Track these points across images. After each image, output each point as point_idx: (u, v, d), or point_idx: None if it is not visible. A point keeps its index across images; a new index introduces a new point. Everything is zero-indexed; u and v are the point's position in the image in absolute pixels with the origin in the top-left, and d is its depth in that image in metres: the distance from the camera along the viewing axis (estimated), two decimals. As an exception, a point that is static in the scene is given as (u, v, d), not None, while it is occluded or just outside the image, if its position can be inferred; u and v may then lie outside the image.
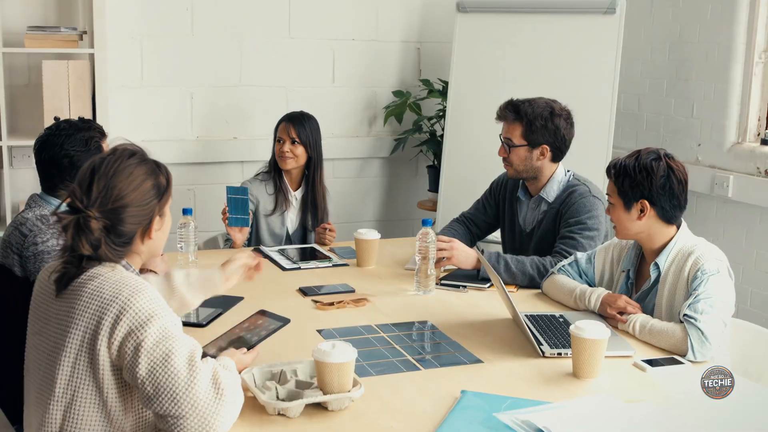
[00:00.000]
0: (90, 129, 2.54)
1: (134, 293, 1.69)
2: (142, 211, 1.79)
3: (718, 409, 1.89)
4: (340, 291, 2.72)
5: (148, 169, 1.82)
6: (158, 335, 1.66)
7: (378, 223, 4.69)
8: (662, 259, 2.39)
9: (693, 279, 2.28)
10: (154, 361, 1.64)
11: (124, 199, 1.76)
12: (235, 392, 1.70)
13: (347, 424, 1.77)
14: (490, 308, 2.58)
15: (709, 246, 2.37)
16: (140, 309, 1.67)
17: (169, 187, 1.88)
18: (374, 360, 2.12)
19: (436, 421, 1.78)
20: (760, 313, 3.48)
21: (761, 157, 3.44)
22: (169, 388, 1.63)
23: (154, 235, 1.84)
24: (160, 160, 4.15)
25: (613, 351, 2.15)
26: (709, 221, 3.70)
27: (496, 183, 3.28)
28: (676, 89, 3.87)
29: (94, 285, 1.71)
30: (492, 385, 2.00)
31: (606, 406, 1.84)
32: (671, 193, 2.35)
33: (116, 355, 1.67)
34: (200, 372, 1.65)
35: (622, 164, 2.39)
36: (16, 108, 3.76)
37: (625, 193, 2.37)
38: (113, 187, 1.75)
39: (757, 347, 2.46)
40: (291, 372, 1.92)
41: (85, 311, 1.69)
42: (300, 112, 3.53)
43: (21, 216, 2.44)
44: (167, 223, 1.90)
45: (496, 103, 3.37)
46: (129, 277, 1.74)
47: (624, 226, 2.41)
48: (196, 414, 1.63)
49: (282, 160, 3.43)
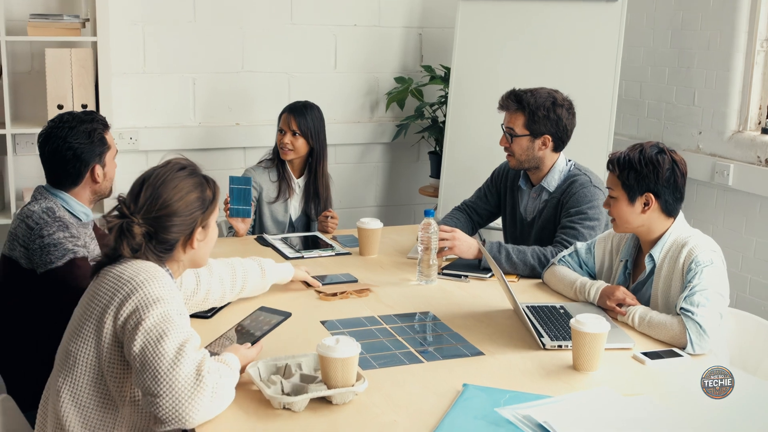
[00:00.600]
0: (93, 121, 2.55)
1: (150, 278, 1.81)
2: (185, 220, 1.89)
3: (716, 404, 1.92)
4: (343, 281, 2.75)
5: (195, 182, 1.92)
6: (159, 318, 1.76)
7: (380, 208, 4.71)
8: (657, 251, 2.42)
9: (687, 270, 2.31)
10: (147, 340, 1.74)
11: (168, 208, 1.87)
12: (218, 386, 1.75)
13: (351, 418, 1.80)
14: (491, 299, 2.61)
15: (703, 237, 2.39)
16: (150, 292, 1.78)
17: (215, 201, 1.97)
18: (377, 352, 2.15)
19: (439, 415, 1.81)
20: (759, 301, 3.51)
21: (762, 146, 3.45)
22: (154, 366, 1.71)
23: (197, 245, 1.94)
24: (163, 146, 4.21)
25: (612, 343, 2.18)
26: (709, 209, 3.72)
27: (497, 171, 3.30)
28: (678, 77, 3.87)
29: (119, 268, 1.85)
30: (493, 378, 2.03)
31: (605, 400, 1.87)
32: (675, 186, 2.38)
33: (120, 328, 1.77)
34: (186, 357, 1.72)
35: (627, 157, 2.40)
36: (19, 95, 3.77)
37: (630, 187, 2.39)
38: (159, 196, 1.87)
39: (755, 338, 2.50)
40: (296, 366, 1.96)
41: (104, 289, 1.83)
42: (303, 103, 3.53)
43: (27, 209, 2.46)
44: (211, 235, 2.00)
45: (498, 89, 3.37)
46: (151, 265, 1.86)
47: (626, 220, 2.43)
48: (171, 396, 1.69)
49: (282, 151, 3.46)
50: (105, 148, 2.56)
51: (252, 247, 3.19)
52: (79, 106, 3.60)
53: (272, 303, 2.51)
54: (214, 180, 2.01)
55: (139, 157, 4.11)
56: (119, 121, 3.94)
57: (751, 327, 2.54)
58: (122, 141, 3.95)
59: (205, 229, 1.96)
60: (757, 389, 2.05)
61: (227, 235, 3.47)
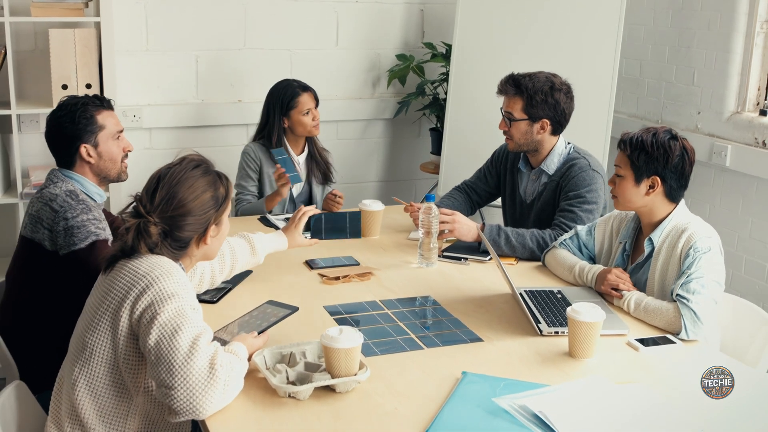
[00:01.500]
0: (85, 104, 2.58)
1: (164, 273, 1.86)
2: (199, 219, 1.95)
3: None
4: (345, 264, 2.81)
5: (209, 180, 1.98)
6: (173, 312, 1.81)
7: (381, 183, 4.76)
8: (656, 235, 2.47)
9: (685, 257, 2.36)
10: (162, 334, 1.79)
11: (183, 208, 1.93)
12: (230, 378, 1.81)
13: (354, 406, 1.86)
14: (490, 283, 2.67)
15: (702, 224, 2.44)
16: (164, 287, 1.84)
17: (227, 198, 2.03)
18: (379, 339, 2.22)
19: (438, 402, 1.88)
20: (754, 279, 3.57)
21: (759, 128, 3.49)
22: (168, 359, 1.77)
23: (210, 241, 2.01)
24: (166, 123, 4.23)
25: (607, 329, 2.24)
26: (707, 188, 3.77)
27: (497, 153, 3.34)
28: (678, 56, 3.89)
29: (134, 263, 1.90)
30: (491, 365, 2.09)
31: (598, 389, 1.93)
32: (681, 173, 2.42)
33: (136, 322, 1.83)
34: (200, 351, 1.78)
35: (640, 139, 2.44)
36: (23, 74, 3.79)
37: (638, 168, 2.43)
38: (174, 196, 1.93)
39: (746, 323, 2.56)
40: (300, 354, 2.02)
41: (119, 283, 1.88)
42: (295, 79, 3.64)
43: (49, 192, 2.51)
44: (223, 230, 2.07)
45: (499, 66, 3.40)
46: (165, 260, 1.91)
47: (629, 199, 2.47)
48: (186, 389, 1.75)
49: (316, 128, 3.56)
50: (95, 128, 2.58)
51: (254, 227, 3.24)
52: (84, 86, 3.63)
53: (275, 285, 2.59)
54: (226, 176, 2.07)
55: (143, 135, 4.15)
56: (123, 99, 3.97)
57: (742, 312, 2.60)
58: (126, 119, 3.98)
59: (218, 225, 2.02)
60: (747, 377, 2.11)
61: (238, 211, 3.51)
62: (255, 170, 3.56)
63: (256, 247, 2.54)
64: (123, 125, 2.80)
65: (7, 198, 3.69)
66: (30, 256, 2.53)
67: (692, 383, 2.00)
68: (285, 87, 3.58)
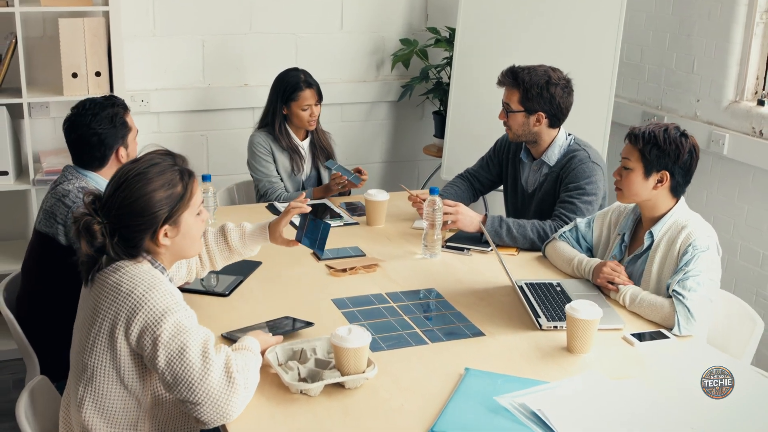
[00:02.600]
0: (114, 105, 2.67)
1: (148, 290, 1.85)
2: (146, 220, 1.89)
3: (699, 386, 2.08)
4: (352, 255, 2.90)
5: (166, 179, 1.92)
6: (173, 330, 1.83)
7: (384, 164, 4.84)
8: (657, 228, 2.55)
9: (684, 253, 2.44)
10: (170, 354, 1.81)
11: (129, 207, 1.88)
12: (247, 378, 1.87)
13: (362, 403, 1.97)
14: (492, 275, 2.76)
15: (702, 222, 2.52)
16: (154, 305, 1.83)
17: (186, 197, 1.95)
18: (385, 333, 2.31)
19: (443, 398, 1.98)
20: (748, 265, 3.66)
21: (757, 118, 3.55)
22: (186, 378, 1.81)
23: (165, 241, 1.94)
24: (173, 108, 4.31)
25: (604, 324, 2.33)
26: (704, 176, 3.84)
27: (500, 142, 3.41)
28: (678, 44, 3.94)
29: (114, 278, 1.88)
30: (492, 360, 2.19)
31: (595, 386, 2.03)
32: (688, 170, 2.51)
33: (135, 345, 1.85)
34: (213, 363, 1.82)
35: (653, 134, 2.49)
36: (32, 60, 3.84)
37: (649, 162, 2.49)
38: (121, 195, 1.89)
39: (734, 319, 2.65)
40: (310, 350, 2.12)
41: (105, 303, 1.87)
42: (302, 73, 3.67)
43: (62, 188, 2.60)
44: (186, 230, 1.97)
45: (502, 51, 3.45)
46: (146, 272, 1.89)
47: (635, 192, 2.54)
48: (210, 401, 1.81)
49: (312, 124, 3.65)
50: (127, 131, 2.70)
51: (262, 215, 3.32)
52: (93, 74, 3.69)
53: (284, 276, 2.69)
54: (191, 172, 1.99)
55: (151, 119, 4.22)
56: (130, 84, 4.04)
57: (729, 308, 2.69)
58: (134, 103, 4.05)
59: (174, 225, 1.94)
60: (739, 371, 2.20)
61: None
62: (269, 156, 3.63)
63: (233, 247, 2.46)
64: (132, 110, 2.87)
65: (20, 184, 3.77)
66: (45, 250, 2.62)
67: (684, 378, 2.11)
68: (291, 77, 3.64)
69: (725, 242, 3.75)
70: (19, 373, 3.70)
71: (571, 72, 3.13)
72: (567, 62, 3.84)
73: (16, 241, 4.06)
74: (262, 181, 3.62)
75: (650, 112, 4.11)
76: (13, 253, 3.88)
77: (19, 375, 3.70)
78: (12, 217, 4.07)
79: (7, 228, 4.08)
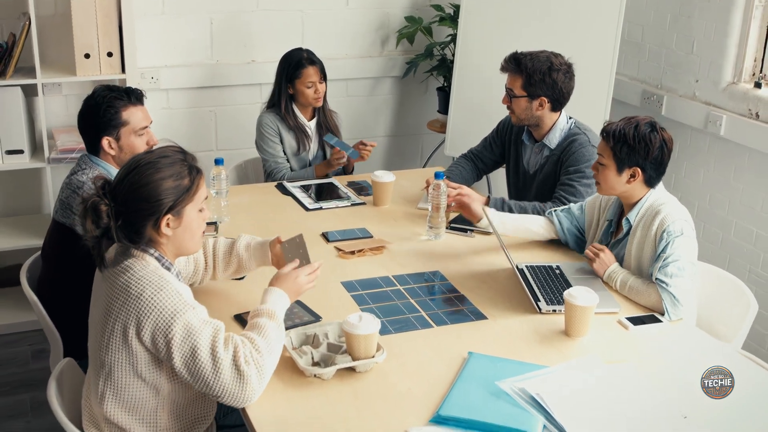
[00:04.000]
0: (112, 98, 2.72)
1: (156, 292, 1.94)
2: (151, 206, 1.98)
3: (691, 370, 2.20)
4: (360, 236, 3.01)
5: (172, 171, 2.01)
6: (183, 332, 1.93)
7: (388, 138, 4.93)
8: (633, 215, 2.65)
9: (660, 239, 2.54)
10: (184, 355, 1.93)
11: (135, 192, 1.97)
12: (259, 364, 1.95)
13: (372, 387, 2.10)
14: (493, 257, 2.87)
15: (676, 206, 2.60)
16: (163, 308, 1.92)
17: (191, 191, 2.03)
18: (393, 317, 2.44)
19: (447, 382, 2.10)
20: (742, 243, 3.77)
21: (753, 100, 3.64)
22: (201, 377, 1.93)
23: (167, 231, 2.02)
24: (182, 84, 4.39)
25: (600, 308, 2.44)
26: (701, 155, 3.94)
27: (502, 124, 3.51)
28: (679, 24, 4.01)
29: (124, 279, 1.97)
30: (494, 343, 2.32)
31: (590, 370, 2.16)
32: (660, 163, 2.60)
33: (150, 345, 1.95)
34: (222, 361, 1.92)
35: (622, 131, 2.59)
36: (43, 38, 3.89)
37: (621, 159, 2.60)
38: (130, 180, 1.98)
39: (730, 296, 2.78)
40: (323, 335, 2.24)
41: (116, 305, 1.96)
42: (306, 51, 3.73)
43: (77, 179, 2.70)
44: (189, 224, 2.05)
45: (506, 29, 3.50)
46: (153, 273, 1.98)
47: (611, 186, 2.65)
48: (227, 394, 1.94)
49: (317, 101, 3.69)
50: (118, 122, 2.74)
51: (272, 195, 3.44)
52: (105, 54, 3.77)
53: None
54: (199, 169, 2.07)
55: (160, 96, 4.30)
56: (140, 62, 4.11)
57: (725, 286, 2.81)
58: (144, 81, 4.14)
59: (177, 216, 2.02)
60: (729, 356, 2.34)
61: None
62: (276, 136, 3.72)
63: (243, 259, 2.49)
64: (143, 87, 2.93)
65: (35, 162, 3.87)
66: (63, 239, 2.71)
67: (676, 363, 2.24)
68: (294, 56, 3.71)
69: (720, 220, 3.87)
70: (37, 344, 3.85)
71: (574, 48, 3.20)
72: (569, 39, 3.94)
73: (32, 215, 4.19)
74: (269, 161, 3.72)
75: (650, 91, 4.19)
76: (28, 228, 4.01)
77: (36, 346, 3.84)
78: (27, 193, 4.18)
79: (23, 204, 4.20)
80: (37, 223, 4.05)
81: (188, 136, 4.40)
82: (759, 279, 3.69)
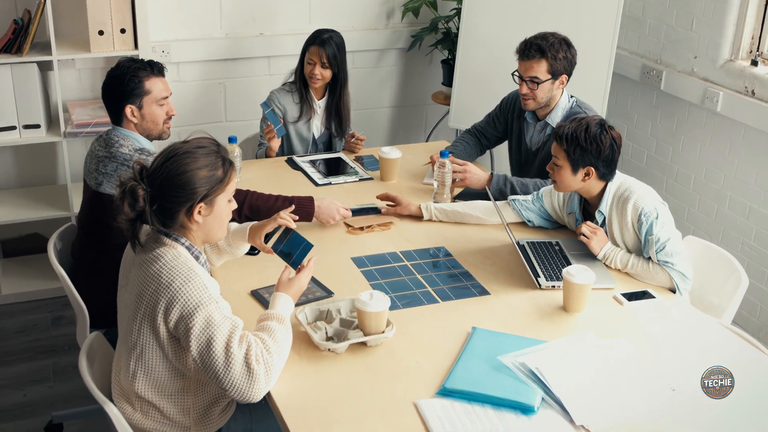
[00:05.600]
0: (134, 69, 2.87)
1: (185, 282, 2.04)
2: (186, 193, 2.08)
3: (680, 345, 2.35)
4: (369, 210, 3.14)
5: (209, 161, 2.12)
6: (203, 323, 2.02)
7: (393, 109, 5.03)
8: (603, 206, 2.77)
9: (639, 225, 2.67)
10: (200, 345, 2.02)
11: (173, 179, 2.07)
12: (268, 363, 2.04)
13: (382, 360, 2.24)
14: (496, 233, 3.01)
15: (641, 188, 2.73)
16: (189, 298, 2.03)
17: (224, 181, 2.14)
18: (401, 292, 2.58)
19: (453, 356, 2.25)
20: (736, 216, 3.91)
21: (750, 77, 3.74)
22: (212, 369, 2.02)
23: (198, 218, 2.13)
24: (193, 58, 4.51)
25: (597, 284, 2.58)
26: (698, 130, 4.05)
27: (505, 101, 3.61)
28: (679, 1, 4.09)
29: (156, 268, 2.07)
30: (497, 319, 2.46)
31: (586, 345, 2.30)
32: (611, 160, 2.72)
33: (174, 330, 2.06)
34: (234, 358, 2.00)
35: (574, 134, 2.69)
36: (57, 12, 3.96)
37: (575, 160, 2.70)
38: (168, 167, 2.08)
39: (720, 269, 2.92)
40: (336, 311, 2.39)
41: (148, 292, 2.07)
42: (329, 34, 3.72)
43: (121, 153, 2.83)
44: (219, 213, 2.17)
45: (510, 2, 3.46)
46: (183, 263, 2.08)
47: (567, 184, 2.76)
48: (234, 389, 2.04)
49: (312, 80, 3.74)
50: (141, 91, 2.88)
51: (282, 170, 3.56)
52: (119, 31, 3.86)
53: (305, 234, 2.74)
54: (232, 162, 2.19)
55: (172, 68, 4.39)
56: (151, 36, 4.20)
57: (716, 259, 2.95)
58: (155, 54, 4.23)
59: (209, 205, 2.13)
60: (719, 332, 2.48)
61: (258, 154, 3.81)
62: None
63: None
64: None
65: (51, 136, 3.98)
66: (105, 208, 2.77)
67: (666, 337, 2.39)
68: (313, 34, 3.77)
69: (715, 193, 4.00)
70: (56, 311, 4.01)
71: (576, 22, 3.25)
72: (572, 12, 4.02)
73: (47, 186, 4.32)
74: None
75: (650, 66, 4.29)
76: (44, 199, 4.14)
77: (56, 313, 4.00)
78: (44, 165, 4.31)
79: (39, 175, 4.33)
80: (53, 194, 4.19)
81: (198, 108, 4.51)
82: (751, 251, 3.83)
